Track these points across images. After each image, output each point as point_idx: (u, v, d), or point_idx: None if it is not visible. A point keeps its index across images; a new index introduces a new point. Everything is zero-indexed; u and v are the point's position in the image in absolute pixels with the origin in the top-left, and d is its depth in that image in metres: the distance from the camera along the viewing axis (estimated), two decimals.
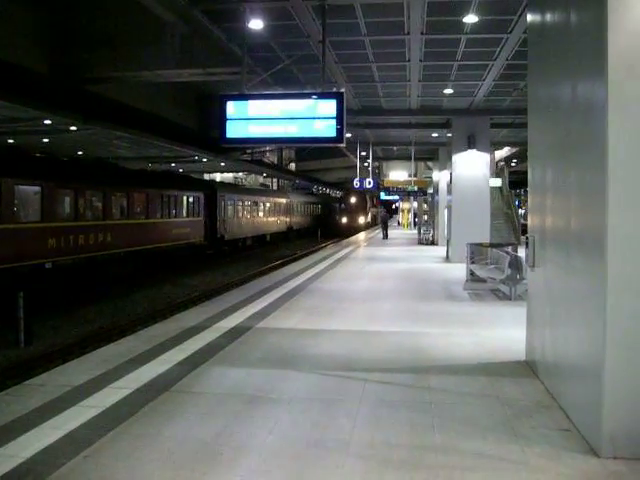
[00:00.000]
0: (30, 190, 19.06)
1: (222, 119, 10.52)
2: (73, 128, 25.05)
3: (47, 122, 23.42)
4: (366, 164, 39.51)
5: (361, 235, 50.85)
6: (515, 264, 12.91)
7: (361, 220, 64.58)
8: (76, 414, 5.78)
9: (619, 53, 4.69)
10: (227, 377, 7.21)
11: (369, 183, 35.93)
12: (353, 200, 64.45)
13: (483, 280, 14.44)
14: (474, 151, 22.57)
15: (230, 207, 37.26)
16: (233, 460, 4.82)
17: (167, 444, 5.12)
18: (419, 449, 5.05)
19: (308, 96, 10.52)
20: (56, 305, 17.84)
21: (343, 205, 65.79)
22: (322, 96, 10.32)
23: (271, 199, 48.20)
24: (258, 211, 43.94)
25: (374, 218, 75.92)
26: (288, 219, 52.76)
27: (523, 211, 47.45)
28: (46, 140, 29.12)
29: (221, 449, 5.02)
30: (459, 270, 17.17)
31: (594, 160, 5.00)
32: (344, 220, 63.30)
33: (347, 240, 42.32)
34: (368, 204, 67.64)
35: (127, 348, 8.60)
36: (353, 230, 59.03)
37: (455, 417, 5.83)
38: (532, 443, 5.14)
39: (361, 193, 61.34)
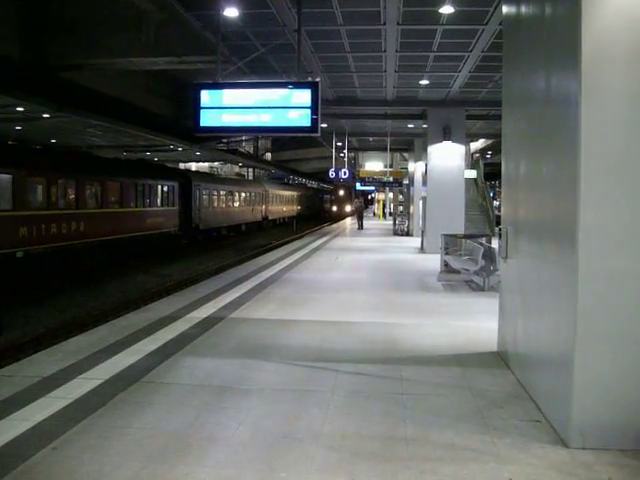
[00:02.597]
0: (1, 178, 18.80)
1: (196, 108, 10.42)
2: (46, 116, 24.74)
3: (19, 109, 23.11)
4: (342, 155, 39.52)
5: (343, 223, 54.53)
6: (488, 255, 12.98)
7: (348, 209, 75.48)
8: (45, 405, 5.71)
9: (592, 46, 4.70)
10: (198, 368, 7.16)
11: (345, 173, 35.92)
12: (341, 192, 78.16)
13: (457, 271, 14.51)
14: (449, 142, 22.65)
15: (205, 197, 37.07)
16: (203, 451, 4.79)
17: (136, 435, 5.07)
18: (391, 440, 5.05)
19: (283, 85, 10.46)
20: (28, 294, 17.64)
21: (333, 196, 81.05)
22: (297, 85, 10.26)
23: (246, 189, 48.04)
24: (233, 201, 43.79)
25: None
26: (263, 209, 52.64)
27: (498, 203, 47.75)
28: (19, 128, 28.76)
29: (191, 440, 4.98)
30: (433, 261, 17.23)
31: (566, 152, 5.02)
32: (334, 208, 78.49)
33: (322, 230, 42.36)
34: (353, 195, 75.70)
35: (98, 338, 8.52)
36: (342, 216, 71.15)
37: (427, 408, 5.84)
38: (503, 434, 5.16)
39: (348, 186, 70.81)
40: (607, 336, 4.78)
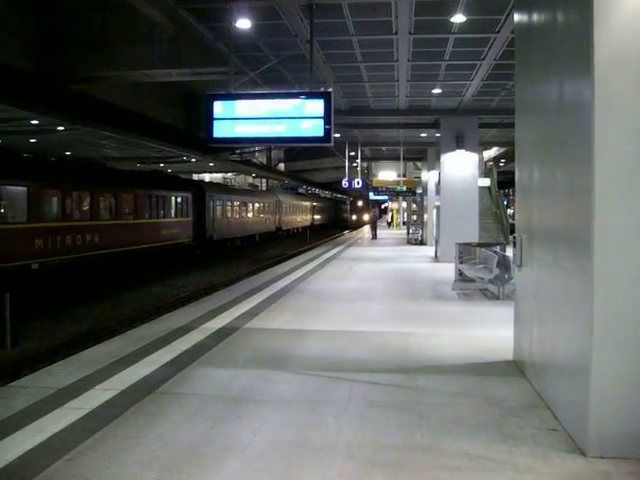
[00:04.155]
0: (16, 190, 18.92)
1: (209, 119, 10.46)
2: (61, 128, 24.88)
3: (34, 122, 23.26)
4: (355, 164, 39.52)
5: (360, 231, 57.65)
6: (503, 264, 12.93)
7: (366, 217, 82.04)
8: (61, 416, 5.72)
9: (605, 52, 4.69)
10: (214, 378, 7.17)
11: (358, 183, 35.89)
12: (360, 203, 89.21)
13: (472, 280, 14.46)
14: (463, 151, 22.63)
15: (219, 207, 37.16)
16: (218, 462, 4.78)
17: (152, 446, 5.07)
18: (407, 449, 5.03)
19: (296, 96, 10.48)
20: (43, 306, 17.72)
21: (352, 206, 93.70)
22: (310, 96, 10.28)
23: (260, 199, 48.16)
24: (247, 211, 43.88)
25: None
26: (277, 219, 52.73)
27: (512, 211, 47.57)
28: (33, 140, 28.93)
29: (207, 451, 4.98)
30: (448, 270, 17.18)
31: (580, 159, 5.00)
32: (354, 217, 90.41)
33: (337, 240, 42.42)
34: (370, 205, 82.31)
35: (114, 349, 8.54)
36: (361, 224, 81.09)
37: (443, 417, 5.81)
38: (520, 443, 5.13)
39: (366, 197, 77.35)
40: (624, 343, 4.74)
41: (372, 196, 44.74)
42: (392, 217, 67.87)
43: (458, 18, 12.60)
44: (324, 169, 60.59)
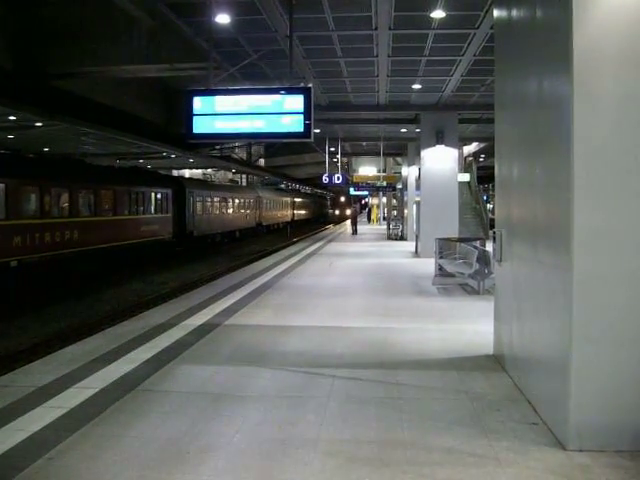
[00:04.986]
0: None
1: (189, 114, 10.41)
2: (39, 124, 24.67)
3: (12, 118, 23.05)
4: (335, 160, 39.53)
5: (342, 225, 58.62)
6: (483, 259, 12.98)
7: (347, 212, 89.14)
8: (40, 415, 5.68)
9: (584, 48, 4.71)
10: (194, 375, 7.14)
11: (338, 179, 35.90)
12: (342, 198, 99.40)
13: (452, 275, 14.49)
14: (442, 146, 22.72)
15: (199, 203, 37.01)
16: (200, 459, 4.76)
17: (133, 444, 5.05)
18: (388, 445, 5.04)
19: (276, 91, 10.44)
20: (22, 304, 17.57)
21: (335, 201, 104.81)
22: (290, 91, 10.25)
23: (240, 195, 48.01)
24: (227, 207, 43.74)
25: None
26: (257, 215, 52.63)
27: (491, 206, 47.78)
28: (11, 136, 28.67)
29: (188, 448, 4.96)
30: (428, 265, 17.23)
31: (560, 155, 5.03)
32: (337, 212, 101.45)
33: (317, 235, 42.41)
34: (351, 200, 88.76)
35: (94, 347, 8.49)
36: (343, 218, 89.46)
37: (424, 412, 5.83)
38: (500, 437, 5.16)
39: (347, 193, 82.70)
40: (603, 338, 4.78)
41: (352, 191, 44.71)
42: (369, 212, 68.14)
43: (438, 14, 12.63)
44: (304, 165, 60.47)
